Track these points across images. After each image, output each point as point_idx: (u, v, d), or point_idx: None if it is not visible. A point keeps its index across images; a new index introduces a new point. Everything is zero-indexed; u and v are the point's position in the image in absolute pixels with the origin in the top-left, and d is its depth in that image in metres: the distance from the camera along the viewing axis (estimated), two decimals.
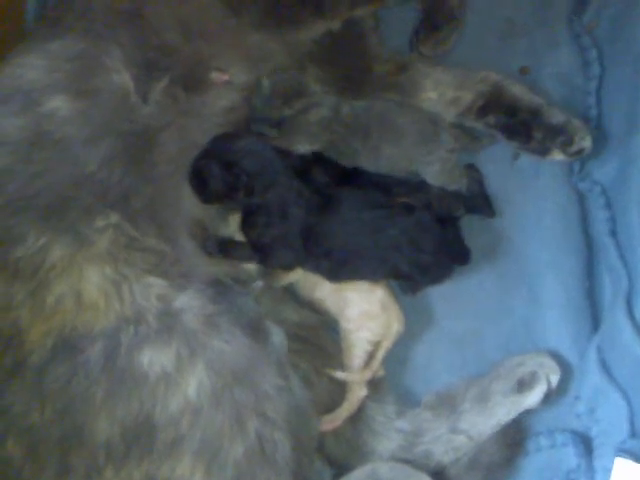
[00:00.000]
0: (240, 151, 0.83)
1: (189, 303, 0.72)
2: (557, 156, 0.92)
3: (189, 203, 0.83)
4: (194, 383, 0.68)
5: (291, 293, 0.87)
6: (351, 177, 0.88)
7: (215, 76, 0.85)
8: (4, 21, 0.92)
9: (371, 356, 0.83)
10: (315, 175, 0.86)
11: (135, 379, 0.68)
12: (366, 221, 0.83)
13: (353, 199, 0.84)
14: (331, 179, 0.87)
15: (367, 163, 0.89)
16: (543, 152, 0.92)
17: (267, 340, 0.77)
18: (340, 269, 0.83)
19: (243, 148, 0.83)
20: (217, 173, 0.82)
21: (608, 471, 0.76)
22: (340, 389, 0.83)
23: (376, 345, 0.83)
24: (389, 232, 0.82)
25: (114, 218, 0.74)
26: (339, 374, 0.83)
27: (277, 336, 0.78)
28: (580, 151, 0.91)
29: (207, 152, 0.82)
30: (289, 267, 0.85)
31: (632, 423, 0.80)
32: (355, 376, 0.82)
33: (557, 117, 0.91)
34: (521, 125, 0.92)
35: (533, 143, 0.92)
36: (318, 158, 0.88)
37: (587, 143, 0.91)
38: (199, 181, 0.82)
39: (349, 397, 0.82)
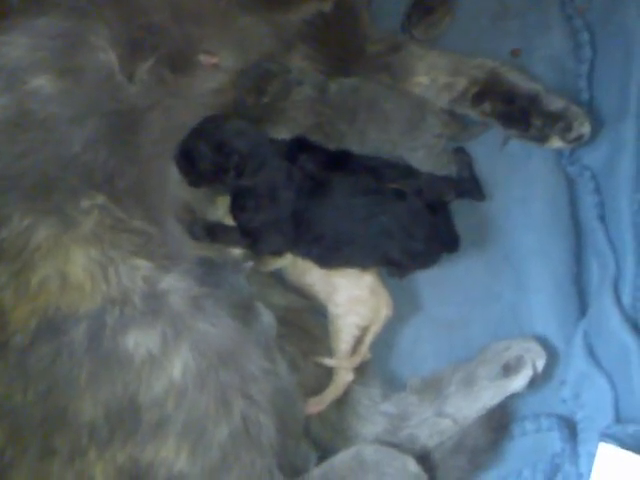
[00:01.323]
0: (231, 131, 0.82)
1: (175, 285, 0.72)
2: (556, 143, 0.91)
3: (176, 185, 0.82)
4: (179, 365, 0.68)
5: (278, 277, 0.87)
6: (341, 161, 0.88)
7: (203, 58, 0.84)
8: None
9: (359, 341, 0.83)
10: (302, 162, 0.86)
11: (120, 361, 0.67)
12: (357, 207, 0.82)
13: (344, 184, 0.83)
14: (319, 165, 0.87)
15: (353, 146, 0.88)
16: (541, 139, 0.92)
17: (256, 320, 0.77)
18: (331, 255, 0.82)
19: (234, 128, 0.82)
20: (206, 153, 0.81)
21: (592, 456, 0.76)
22: (326, 372, 0.83)
23: (364, 330, 0.83)
24: (380, 218, 0.81)
25: (100, 199, 0.73)
26: (327, 361, 0.83)
27: (266, 317, 0.78)
28: (579, 137, 0.91)
29: (196, 132, 0.81)
30: (278, 252, 0.85)
31: (617, 408, 0.81)
32: (344, 362, 0.82)
33: (556, 103, 0.91)
34: (519, 112, 0.91)
35: (532, 130, 0.91)
36: (304, 144, 0.87)
37: (586, 129, 0.90)
38: (187, 162, 0.81)
39: (335, 381, 0.82)
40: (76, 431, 0.66)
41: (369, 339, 0.83)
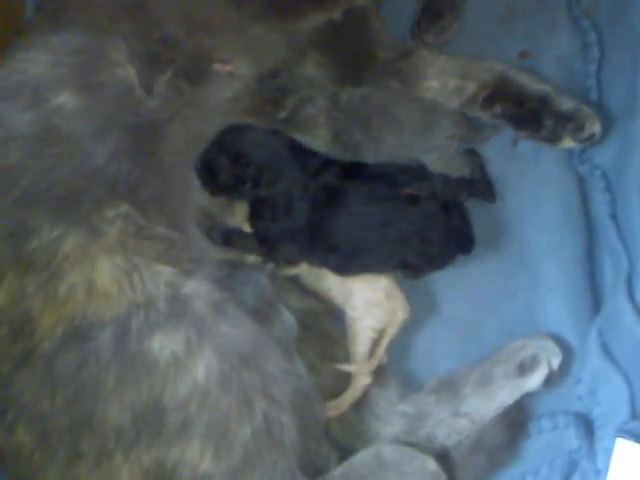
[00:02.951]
0: (249, 142, 0.84)
1: (197, 290, 0.73)
2: (568, 143, 0.92)
3: (197, 193, 0.84)
4: (203, 367, 0.69)
5: (295, 281, 0.88)
6: (353, 172, 0.88)
7: (218, 67, 0.85)
8: (4, 14, 0.92)
9: (376, 343, 0.84)
10: (321, 174, 0.87)
11: (145, 364, 0.69)
12: (373, 215, 0.83)
13: (359, 193, 0.85)
14: (335, 176, 0.88)
15: (368, 154, 0.89)
16: (553, 140, 0.92)
17: (278, 320, 0.79)
18: (348, 263, 0.83)
19: (252, 140, 0.84)
20: (225, 164, 0.83)
21: (609, 452, 0.76)
22: (345, 375, 0.84)
23: (381, 333, 0.84)
24: (397, 225, 0.83)
25: (123, 208, 0.75)
26: (345, 367, 0.83)
27: (287, 317, 0.80)
28: (591, 137, 0.91)
29: (216, 144, 0.83)
30: (293, 262, 0.86)
31: (633, 405, 0.81)
32: (361, 367, 0.83)
33: (566, 104, 0.91)
34: (530, 114, 0.91)
35: (543, 131, 0.91)
36: (325, 161, 0.89)
37: (597, 128, 0.90)
38: (207, 173, 0.83)
39: (354, 384, 0.83)
40: (103, 435, 0.68)
41: (386, 342, 0.84)
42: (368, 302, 0.84)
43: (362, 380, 0.83)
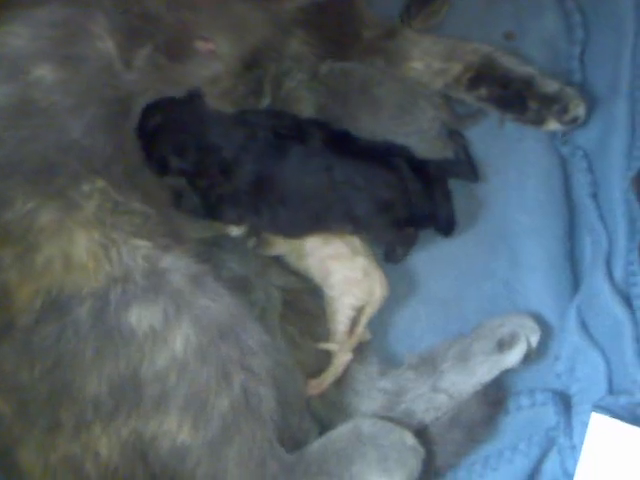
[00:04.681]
0: (163, 141, 0.82)
1: (175, 263, 0.73)
2: (552, 125, 0.92)
3: None
4: (181, 339, 0.70)
5: (277, 259, 0.88)
6: (343, 143, 0.88)
7: (200, 45, 0.85)
8: None
9: (355, 321, 0.84)
10: (311, 136, 0.86)
11: (123, 336, 0.69)
12: (318, 162, 0.83)
13: (300, 148, 0.84)
14: (324, 143, 0.87)
15: (350, 130, 0.89)
16: (538, 122, 0.92)
17: (262, 288, 0.80)
18: (298, 216, 0.82)
19: (173, 142, 0.82)
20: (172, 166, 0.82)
21: (585, 426, 0.77)
22: (325, 351, 0.84)
23: (360, 310, 0.84)
24: (340, 169, 0.82)
25: (99, 183, 0.75)
26: (326, 345, 0.84)
27: (272, 288, 0.81)
28: (575, 119, 0.92)
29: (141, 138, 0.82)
30: (237, 223, 0.85)
31: (610, 381, 0.82)
32: (341, 346, 0.83)
33: (551, 86, 0.92)
34: (515, 96, 0.92)
35: (528, 113, 0.92)
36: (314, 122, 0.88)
37: (582, 111, 0.91)
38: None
39: (334, 361, 0.84)
40: (81, 406, 0.68)
41: (365, 320, 0.84)
42: (346, 281, 0.84)
43: (343, 358, 0.84)
